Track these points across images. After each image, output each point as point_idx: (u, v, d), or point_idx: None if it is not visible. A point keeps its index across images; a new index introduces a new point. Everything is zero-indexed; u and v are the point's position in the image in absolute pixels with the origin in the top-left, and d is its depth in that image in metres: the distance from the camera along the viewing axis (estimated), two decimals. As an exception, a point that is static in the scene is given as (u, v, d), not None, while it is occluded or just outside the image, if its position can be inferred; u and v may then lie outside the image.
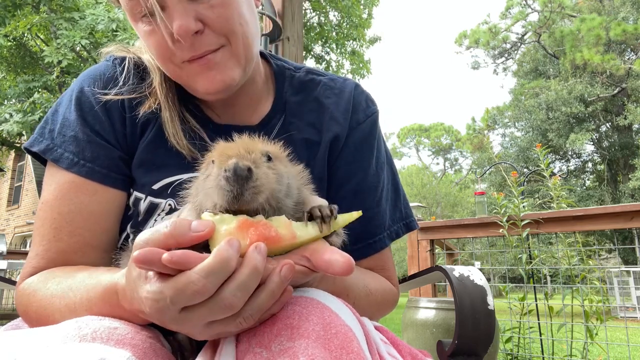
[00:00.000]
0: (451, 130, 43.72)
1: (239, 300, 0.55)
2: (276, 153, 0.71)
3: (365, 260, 1.04)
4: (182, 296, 0.53)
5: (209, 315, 0.56)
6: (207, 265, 0.53)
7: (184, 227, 0.57)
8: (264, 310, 0.59)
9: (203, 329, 0.58)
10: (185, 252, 0.54)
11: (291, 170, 0.72)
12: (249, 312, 0.57)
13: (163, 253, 0.53)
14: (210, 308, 0.55)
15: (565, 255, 3.60)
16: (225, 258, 0.54)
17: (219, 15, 0.85)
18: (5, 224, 21.60)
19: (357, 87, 1.12)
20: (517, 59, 27.28)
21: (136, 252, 0.54)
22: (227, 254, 0.54)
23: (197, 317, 0.56)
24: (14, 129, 10.02)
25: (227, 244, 0.54)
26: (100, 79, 0.98)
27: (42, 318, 0.79)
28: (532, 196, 16.61)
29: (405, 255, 4.47)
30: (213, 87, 0.89)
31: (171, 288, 0.54)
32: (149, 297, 0.55)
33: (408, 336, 2.89)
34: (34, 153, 0.95)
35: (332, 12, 14.68)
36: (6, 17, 10.39)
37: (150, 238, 0.57)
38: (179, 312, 0.56)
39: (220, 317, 0.56)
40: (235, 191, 0.60)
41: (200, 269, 0.53)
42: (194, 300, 0.54)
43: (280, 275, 0.57)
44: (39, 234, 0.90)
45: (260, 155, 0.65)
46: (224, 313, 0.56)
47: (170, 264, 0.53)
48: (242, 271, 0.55)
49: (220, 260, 0.53)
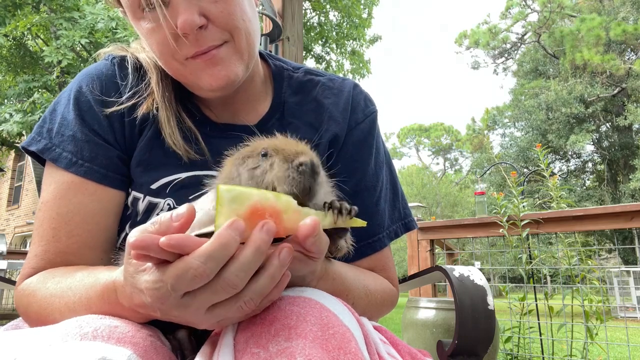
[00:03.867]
0: (451, 130, 43.75)
1: (240, 281, 0.55)
2: None
3: (365, 260, 1.04)
4: (182, 282, 0.53)
5: (211, 296, 0.56)
6: (206, 249, 0.53)
7: (167, 220, 0.56)
8: (264, 295, 0.58)
9: (205, 316, 0.58)
10: (182, 235, 0.54)
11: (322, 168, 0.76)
12: (249, 296, 0.57)
13: (159, 238, 0.53)
14: (213, 289, 0.55)
15: (565, 255, 3.60)
16: (225, 243, 0.53)
17: (222, 10, 0.85)
18: (5, 224, 21.60)
19: (355, 87, 1.12)
20: (517, 59, 27.30)
21: (133, 238, 0.54)
22: (227, 238, 0.53)
23: (199, 301, 0.56)
24: (14, 129, 10.02)
25: (228, 227, 0.53)
26: (99, 78, 0.98)
27: (42, 318, 0.79)
28: (532, 196, 16.62)
29: (405, 255, 4.48)
30: (217, 83, 0.89)
31: (170, 274, 0.54)
32: (149, 287, 0.56)
33: (408, 336, 2.89)
34: (32, 152, 0.95)
35: (332, 12, 14.68)
36: (6, 17, 10.38)
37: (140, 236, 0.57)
38: (181, 298, 0.56)
39: (222, 298, 0.56)
40: (307, 183, 0.64)
41: (200, 254, 0.53)
42: (194, 285, 0.54)
43: (280, 258, 0.57)
44: (38, 235, 0.90)
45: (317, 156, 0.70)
46: (226, 293, 0.56)
47: (168, 248, 0.53)
48: (246, 251, 0.54)
49: (219, 245, 0.53)
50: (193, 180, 0.95)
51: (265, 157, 0.69)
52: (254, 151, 0.72)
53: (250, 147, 0.74)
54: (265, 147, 0.70)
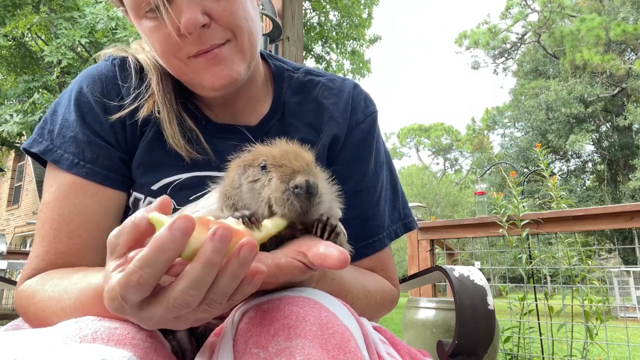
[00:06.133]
0: (451, 130, 43.73)
1: (192, 299, 0.52)
2: (315, 162, 0.73)
3: (365, 260, 1.04)
4: (127, 290, 0.51)
5: (167, 313, 0.53)
6: (142, 255, 0.50)
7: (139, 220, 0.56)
8: (227, 295, 0.54)
9: (175, 322, 0.57)
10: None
11: (324, 177, 0.74)
12: (211, 298, 0.54)
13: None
14: (165, 306, 0.52)
15: (565, 255, 3.60)
16: (160, 245, 0.49)
17: (225, 9, 0.86)
18: (5, 224, 21.60)
19: (356, 87, 1.12)
20: (517, 59, 27.29)
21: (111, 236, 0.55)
22: (162, 241, 0.49)
23: (157, 315, 0.54)
24: (14, 129, 10.02)
25: (167, 228, 0.49)
26: (100, 79, 0.98)
27: (41, 320, 0.79)
28: (532, 196, 16.61)
29: (405, 255, 4.47)
30: (219, 82, 0.89)
31: (118, 283, 0.52)
32: (106, 297, 0.54)
33: (408, 336, 2.89)
34: (33, 154, 0.95)
35: (332, 12, 14.68)
36: (6, 17, 10.38)
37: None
38: (139, 310, 0.54)
39: (179, 314, 0.54)
40: (305, 208, 0.63)
41: (137, 258, 0.50)
42: (138, 294, 0.52)
43: (240, 257, 0.51)
44: (39, 235, 0.90)
45: (315, 167, 0.69)
46: (180, 311, 0.53)
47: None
48: (194, 266, 0.51)
49: (155, 248, 0.49)
50: (194, 181, 0.95)
51: (265, 169, 0.68)
52: (254, 160, 0.70)
53: (252, 154, 0.72)
54: (265, 159, 0.68)
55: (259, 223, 0.62)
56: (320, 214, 0.66)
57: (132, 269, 0.50)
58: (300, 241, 0.66)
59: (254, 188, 0.67)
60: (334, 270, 0.84)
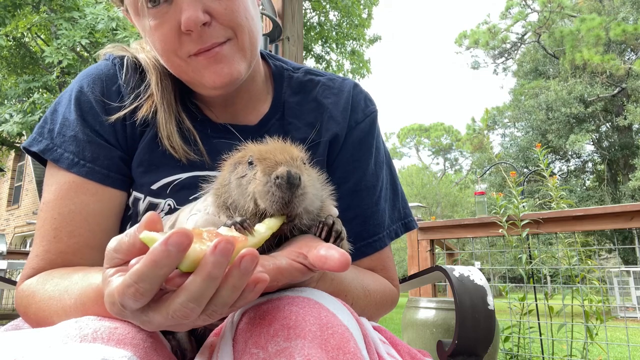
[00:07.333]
0: (451, 130, 43.72)
1: (192, 311, 0.51)
2: (304, 158, 0.73)
3: (365, 259, 1.04)
4: (124, 300, 0.51)
5: (166, 322, 0.53)
6: (136, 269, 0.50)
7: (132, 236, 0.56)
8: (228, 304, 0.54)
9: (175, 327, 0.57)
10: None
11: (315, 175, 0.74)
12: (211, 309, 0.53)
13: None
14: (164, 316, 0.52)
15: (565, 255, 3.60)
16: (156, 260, 0.49)
17: (226, 7, 0.86)
18: (5, 224, 21.60)
19: (355, 87, 1.12)
20: (517, 59, 27.28)
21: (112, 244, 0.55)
22: (158, 256, 0.49)
23: (156, 321, 0.54)
24: (14, 129, 10.02)
25: (162, 243, 0.48)
26: (100, 78, 0.98)
27: (41, 319, 0.79)
28: (532, 196, 16.61)
29: (405, 255, 4.47)
30: (220, 81, 0.89)
31: (116, 290, 0.52)
32: (106, 301, 0.54)
33: (408, 336, 2.88)
34: (33, 153, 0.95)
35: (332, 12, 14.68)
36: (6, 17, 10.38)
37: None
38: (140, 314, 0.54)
39: (179, 323, 0.54)
40: (287, 198, 0.63)
41: (131, 272, 0.50)
42: (137, 303, 0.52)
43: (241, 269, 0.51)
44: (40, 235, 0.90)
45: (302, 162, 0.69)
46: (179, 321, 0.53)
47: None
48: (195, 279, 0.50)
49: (150, 262, 0.49)
50: (193, 180, 0.95)
51: (251, 165, 0.68)
52: (243, 157, 0.71)
53: (242, 152, 0.73)
54: (252, 154, 0.69)
55: (251, 228, 0.62)
56: (303, 207, 0.65)
57: (128, 282, 0.50)
58: (301, 242, 0.66)
59: (241, 184, 0.68)
60: None
